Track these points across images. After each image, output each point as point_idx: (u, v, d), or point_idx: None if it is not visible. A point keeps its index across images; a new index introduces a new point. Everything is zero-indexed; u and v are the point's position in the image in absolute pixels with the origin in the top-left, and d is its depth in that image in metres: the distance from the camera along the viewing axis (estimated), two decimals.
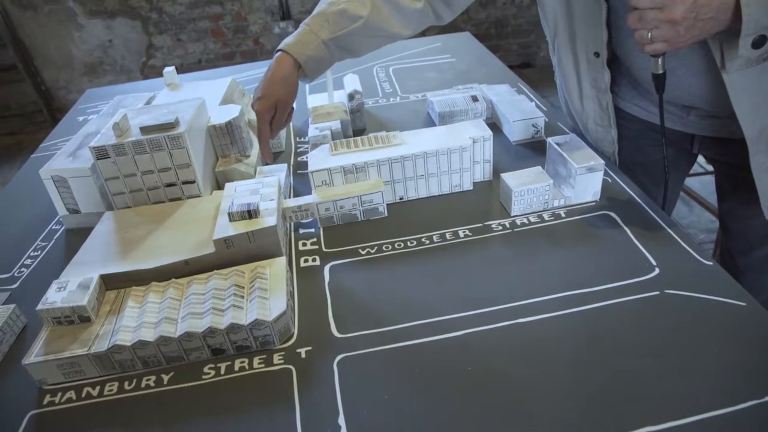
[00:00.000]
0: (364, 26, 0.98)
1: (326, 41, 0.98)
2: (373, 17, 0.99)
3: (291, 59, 0.98)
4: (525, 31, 3.99)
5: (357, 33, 0.99)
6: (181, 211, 0.93)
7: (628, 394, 0.63)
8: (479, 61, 1.66)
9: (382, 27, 1.00)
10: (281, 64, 0.99)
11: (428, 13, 1.04)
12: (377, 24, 0.99)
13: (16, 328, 0.84)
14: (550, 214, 0.95)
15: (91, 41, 3.70)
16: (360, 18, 0.98)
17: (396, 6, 1.00)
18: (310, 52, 0.98)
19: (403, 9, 1.01)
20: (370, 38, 1.02)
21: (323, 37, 0.98)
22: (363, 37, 1.01)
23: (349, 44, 1.01)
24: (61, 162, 1.01)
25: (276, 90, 0.98)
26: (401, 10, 1.01)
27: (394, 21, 1.01)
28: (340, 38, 0.99)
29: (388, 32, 1.02)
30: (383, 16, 1.00)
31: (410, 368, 0.69)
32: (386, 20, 1.00)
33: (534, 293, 0.79)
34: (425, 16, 1.04)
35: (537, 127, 1.17)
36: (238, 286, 0.76)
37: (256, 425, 0.65)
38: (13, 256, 1.01)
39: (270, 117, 0.99)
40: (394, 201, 1.00)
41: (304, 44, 0.98)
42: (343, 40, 0.99)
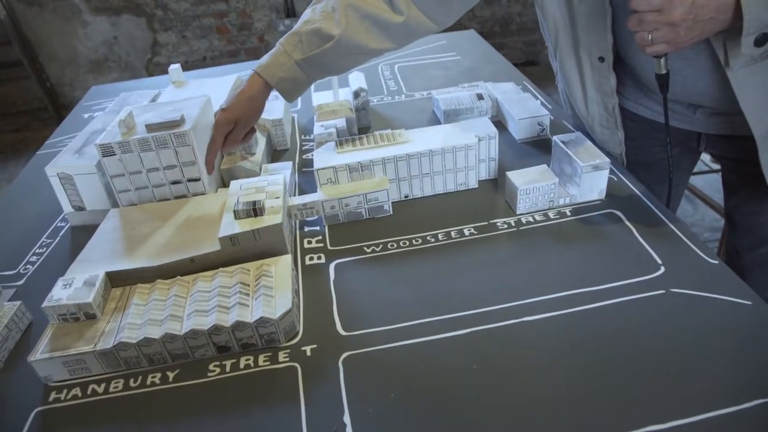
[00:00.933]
0: (336, 45, 0.94)
1: (299, 62, 0.96)
2: (347, 35, 0.94)
3: (262, 81, 0.97)
4: (529, 29, 3.98)
5: (330, 52, 0.95)
6: (186, 209, 0.93)
7: (633, 393, 0.63)
8: (484, 59, 1.66)
9: (358, 44, 0.96)
10: (251, 84, 0.98)
11: (415, 26, 0.99)
12: (352, 42, 0.95)
13: (21, 325, 0.84)
14: (556, 212, 0.94)
15: (96, 38, 3.70)
16: (332, 37, 0.94)
17: (375, 22, 0.96)
18: (282, 73, 0.96)
19: (383, 24, 0.96)
20: (346, 57, 0.98)
21: (296, 57, 0.96)
22: (338, 56, 0.97)
23: (324, 63, 0.98)
24: (66, 159, 1.02)
25: (240, 107, 0.97)
26: (380, 25, 0.96)
27: (372, 37, 0.97)
28: (313, 58, 0.96)
29: (366, 48, 0.97)
30: (359, 33, 0.95)
31: (416, 366, 0.69)
32: (362, 36, 0.96)
33: (540, 292, 0.78)
34: (411, 29, 0.99)
35: (542, 125, 1.17)
36: (243, 284, 0.76)
37: (261, 423, 0.65)
38: (18, 253, 1.02)
39: (227, 130, 0.98)
40: (400, 199, 1.00)
41: (276, 65, 0.97)
42: (316, 60, 0.96)
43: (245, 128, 1.01)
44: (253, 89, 0.97)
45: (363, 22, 0.95)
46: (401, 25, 0.97)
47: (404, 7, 0.95)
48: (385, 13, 0.95)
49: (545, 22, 1.05)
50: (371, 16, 0.95)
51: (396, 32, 0.98)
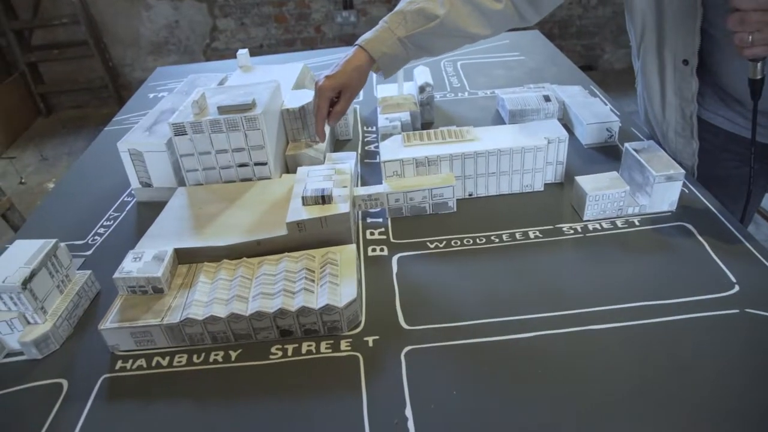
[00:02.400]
0: (440, 25, 0.97)
1: (402, 39, 0.98)
2: (451, 17, 0.97)
3: (366, 54, 0.99)
4: (590, 32, 3.91)
5: (433, 32, 0.98)
6: (252, 192, 0.94)
7: (699, 412, 0.61)
8: (549, 61, 1.63)
9: (459, 27, 0.99)
10: (357, 56, 0.99)
11: (510, 15, 1.02)
12: (454, 24, 0.98)
13: (90, 294, 0.86)
14: (624, 221, 0.92)
15: (158, 21, 3.79)
16: (437, 17, 0.97)
17: (476, 6, 0.99)
18: (385, 48, 0.98)
19: (484, 9, 0.99)
20: (446, 38, 1.01)
21: (399, 34, 0.98)
22: (439, 36, 0.99)
23: (424, 43, 1.00)
24: (138, 136, 1.04)
25: (346, 75, 0.98)
26: (481, 10, 0.99)
27: (472, 21, 0.99)
28: (416, 36, 0.98)
29: (465, 32, 1.00)
30: (461, 16, 0.98)
31: (479, 366, 0.68)
32: (464, 20, 0.98)
33: (606, 301, 0.77)
34: (507, 18, 1.02)
35: (611, 131, 1.14)
36: (308, 270, 0.77)
37: (322, 408, 0.65)
38: (87, 225, 1.04)
39: (331, 96, 0.99)
40: (463, 197, 0.99)
41: (380, 41, 0.98)
42: (419, 39, 0.99)
43: (350, 98, 1.01)
44: (359, 60, 0.98)
45: (466, 5, 0.98)
46: (499, 13, 1.00)
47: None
48: (487, 0, 0.98)
49: (632, 19, 1.02)
50: (473, 1, 0.98)
51: (494, 19, 1.01)
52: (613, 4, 3.78)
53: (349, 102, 1.02)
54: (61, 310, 0.80)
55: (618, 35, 3.90)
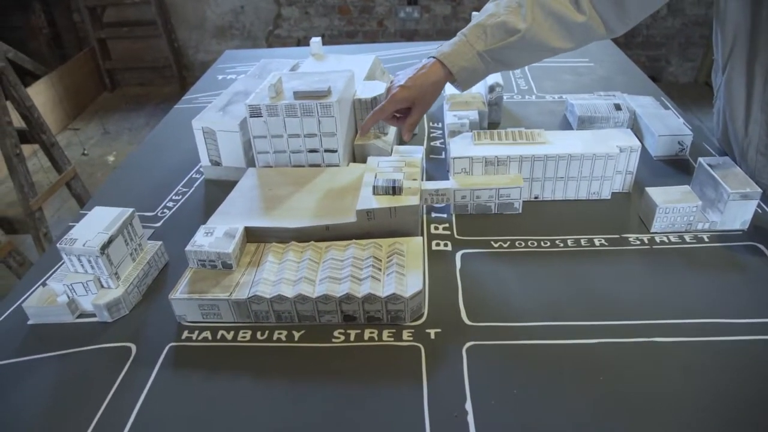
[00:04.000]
0: (521, 39, 0.93)
1: (481, 53, 0.94)
2: (533, 31, 0.93)
3: (444, 69, 0.96)
4: (656, 43, 3.81)
5: (514, 46, 0.94)
6: (321, 178, 0.95)
7: None
8: (619, 69, 1.60)
9: (541, 41, 0.94)
10: (434, 71, 0.96)
11: (595, 26, 0.96)
12: (536, 38, 0.93)
13: (159, 264, 0.89)
14: (692, 236, 0.90)
15: (225, 5, 3.87)
16: (518, 31, 0.92)
17: (559, 19, 0.94)
18: (464, 62, 0.95)
19: (567, 22, 0.94)
20: (527, 52, 0.97)
21: (479, 48, 0.94)
22: (520, 50, 0.96)
23: (504, 57, 0.96)
24: (212, 115, 1.07)
25: (423, 90, 0.96)
26: (564, 23, 0.94)
27: (554, 35, 0.95)
28: (496, 51, 0.94)
29: (547, 46, 0.96)
30: (543, 30, 0.94)
31: (540, 368, 0.68)
32: (546, 34, 0.94)
33: (671, 314, 0.75)
34: (590, 30, 0.97)
35: (683, 144, 1.12)
36: (375, 258, 0.78)
37: (383, 395, 0.66)
38: (157, 198, 1.08)
39: (398, 107, 0.97)
40: (529, 199, 0.99)
41: (459, 54, 0.95)
42: (498, 53, 0.95)
43: (422, 111, 0.99)
44: (437, 75, 0.96)
45: (547, 18, 0.93)
46: (582, 25, 0.94)
47: (586, 7, 0.93)
48: (569, 12, 0.93)
49: (721, 31, 0.99)
50: (556, 14, 0.93)
51: (577, 32, 0.96)
52: (683, 16, 3.68)
53: (421, 115, 1.00)
54: (132, 277, 0.83)
55: (686, 48, 3.79)
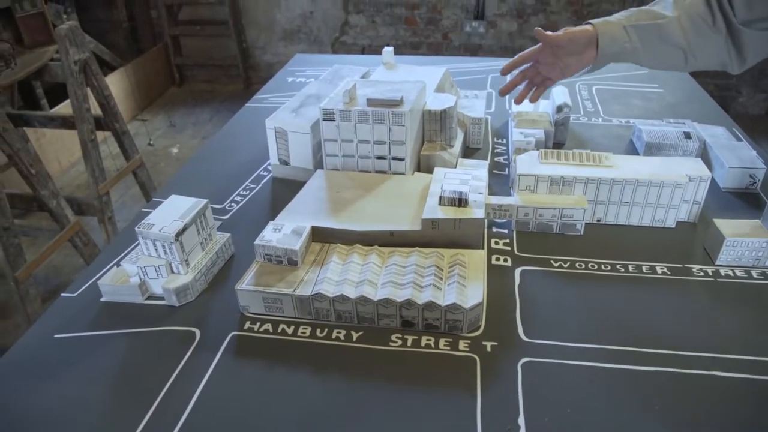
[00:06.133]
0: (666, 24, 0.99)
1: (627, 26, 1.01)
2: (675, 23, 0.99)
3: (592, 30, 1.02)
4: (726, 73, 3.71)
5: (656, 30, 1.00)
6: (388, 185, 0.97)
7: None
8: (689, 97, 1.57)
9: (680, 37, 0.99)
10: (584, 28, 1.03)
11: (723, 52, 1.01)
12: (676, 31, 0.99)
13: (226, 255, 0.93)
14: (760, 272, 0.88)
15: (295, 10, 3.96)
16: (664, 16, 0.99)
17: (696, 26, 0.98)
18: (609, 29, 1.02)
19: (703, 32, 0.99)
20: (665, 44, 1.01)
21: (625, 23, 1.01)
22: (659, 38, 1.00)
23: (645, 38, 1.01)
24: (285, 116, 1.10)
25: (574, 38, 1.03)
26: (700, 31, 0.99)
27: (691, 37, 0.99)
28: (641, 27, 1.00)
29: (682, 44, 1.00)
30: (684, 27, 0.99)
31: (595, 390, 0.68)
32: (685, 31, 0.99)
33: (734, 349, 0.74)
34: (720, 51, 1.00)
35: (754, 178, 1.09)
36: (438, 267, 0.79)
37: (436, 403, 0.67)
38: (226, 191, 1.12)
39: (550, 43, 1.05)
40: (591, 221, 0.98)
41: (607, 23, 1.03)
42: (642, 31, 1.01)
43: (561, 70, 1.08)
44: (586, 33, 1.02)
45: (688, 20, 0.99)
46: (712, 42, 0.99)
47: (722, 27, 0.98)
48: (706, 24, 0.98)
49: None
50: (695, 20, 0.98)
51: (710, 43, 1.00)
52: None
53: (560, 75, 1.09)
54: (201, 265, 0.86)
55: (760, 79, 3.68)
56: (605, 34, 1.01)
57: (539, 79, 1.12)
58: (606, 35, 1.01)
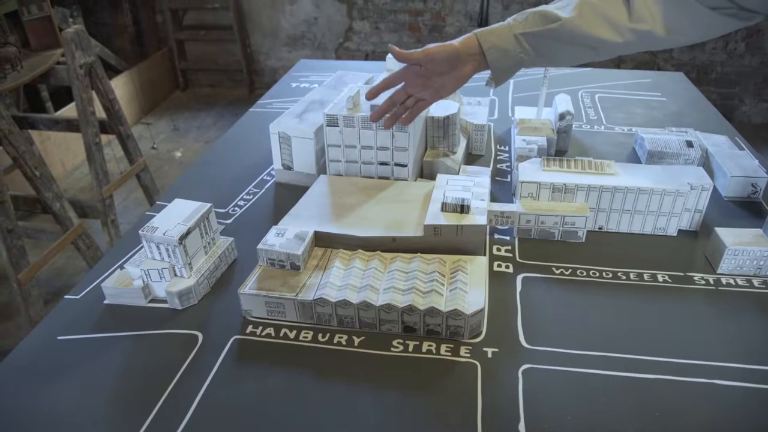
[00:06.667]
0: (560, 27, 0.88)
1: (518, 35, 0.89)
2: (574, 23, 0.88)
3: (475, 42, 0.90)
4: (731, 81, 3.71)
5: (552, 34, 0.89)
6: (390, 190, 0.98)
7: None
8: (692, 105, 1.58)
9: (584, 33, 0.88)
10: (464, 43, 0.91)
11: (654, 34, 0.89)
12: (578, 30, 0.88)
13: (229, 259, 0.93)
14: (761, 281, 0.88)
15: (299, 16, 3.98)
16: (558, 19, 0.88)
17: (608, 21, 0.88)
18: (497, 40, 0.90)
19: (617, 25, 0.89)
20: (568, 45, 0.90)
21: (516, 30, 0.89)
22: (559, 41, 0.89)
23: (543, 46, 0.90)
24: (288, 121, 1.11)
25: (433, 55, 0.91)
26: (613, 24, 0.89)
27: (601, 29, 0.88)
28: (533, 36, 0.89)
29: (590, 38, 0.88)
30: (588, 24, 0.88)
31: (596, 397, 0.68)
32: (590, 27, 0.88)
33: (735, 358, 0.74)
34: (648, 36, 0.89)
35: (756, 187, 1.10)
36: (440, 274, 0.80)
37: (437, 408, 0.67)
38: (229, 196, 1.13)
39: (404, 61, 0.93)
40: (593, 229, 0.99)
41: (495, 33, 0.90)
42: (535, 39, 0.90)
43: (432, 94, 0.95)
44: (463, 48, 0.91)
45: (596, 17, 0.88)
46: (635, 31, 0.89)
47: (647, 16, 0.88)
48: (622, 20, 0.89)
49: None
50: (605, 16, 0.89)
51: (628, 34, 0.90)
52: (762, 54, 3.57)
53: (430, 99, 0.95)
54: (204, 269, 0.87)
55: (762, 88, 3.68)
56: (492, 49, 0.90)
57: (411, 102, 0.97)
58: (493, 50, 0.90)
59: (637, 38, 0.91)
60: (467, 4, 3.70)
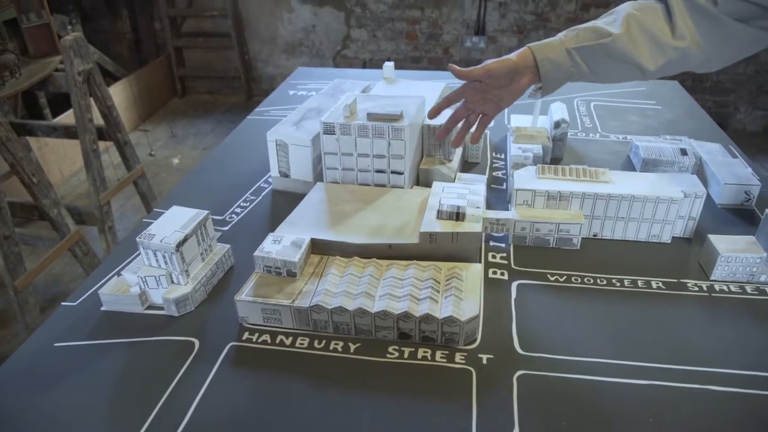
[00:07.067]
0: (611, 43, 0.92)
1: (570, 49, 0.94)
2: (623, 39, 0.92)
3: (530, 56, 0.95)
4: (725, 89, 3.74)
5: (602, 50, 0.93)
6: (387, 198, 0.98)
7: None
8: (687, 114, 1.59)
9: (631, 52, 0.93)
10: (521, 56, 0.96)
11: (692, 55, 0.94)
12: (626, 47, 0.92)
13: (225, 266, 0.94)
14: (754, 287, 0.89)
15: (297, 23, 4.00)
16: (609, 34, 0.92)
17: (652, 38, 0.93)
18: (550, 54, 0.94)
19: (660, 43, 0.93)
20: (615, 62, 0.95)
21: (568, 45, 0.94)
22: (608, 57, 0.94)
23: (593, 61, 0.95)
24: (286, 129, 1.12)
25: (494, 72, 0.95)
26: (657, 43, 0.93)
27: (645, 51, 0.93)
28: (585, 50, 0.94)
29: (633, 60, 0.93)
30: (634, 42, 0.92)
31: (590, 403, 0.69)
32: (635, 46, 0.93)
33: (728, 364, 0.75)
34: (687, 57, 0.94)
35: (749, 194, 1.11)
36: (435, 281, 0.80)
37: (432, 414, 0.68)
38: (226, 203, 1.13)
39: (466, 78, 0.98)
40: (587, 236, 0.99)
41: (548, 47, 0.95)
42: (587, 53, 0.94)
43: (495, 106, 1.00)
44: (521, 62, 0.95)
45: (641, 34, 0.93)
46: (677, 50, 0.94)
47: (686, 33, 0.92)
48: (665, 36, 0.93)
49: None
50: (650, 32, 0.93)
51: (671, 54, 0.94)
52: (757, 63, 3.60)
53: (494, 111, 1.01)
54: (200, 276, 0.87)
55: (757, 96, 3.70)
56: (546, 61, 0.94)
57: (474, 118, 1.03)
58: (546, 62, 0.94)
59: (679, 56, 0.94)
60: (464, 12, 3.72)
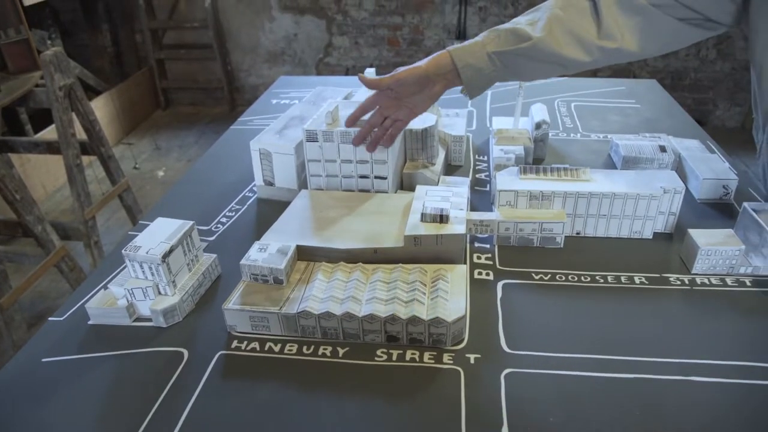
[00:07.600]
0: (532, 47, 0.91)
1: (490, 53, 0.93)
2: (545, 42, 0.91)
3: (449, 61, 0.94)
4: (704, 87, 3.79)
5: (524, 53, 0.92)
6: (371, 203, 0.99)
7: None
8: (665, 112, 1.61)
9: (554, 52, 0.92)
10: (436, 60, 0.95)
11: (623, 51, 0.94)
12: (548, 49, 0.92)
13: (212, 276, 0.94)
14: (734, 279, 0.91)
15: (278, 32, 4.01)
16: (529, 38, 0.91)
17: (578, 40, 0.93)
18: (471, 59, 0.93)
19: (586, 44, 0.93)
20: (539, 63, 0.94)
21: (489, 49, 0.93)
22: (530, 59, 0.93)
23: (514, 64, 0.94)
24: (269, 138, 1.12)
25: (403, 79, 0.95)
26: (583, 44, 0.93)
27: (570, 48, 0.93)
28: (505, 54, 0.93)
29: (560, 57, 0.93)
30: (557, 43, 0.92)
31: (577, 398, 0.70)
32: (560, 46, 0.92)
33: (710, 355, 0.76)
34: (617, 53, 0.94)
35: (727, 189, 1.12)
36: (421, 283, 0.81)
37: (422, 415, 0.68)
38: (211, 213, 1.13)
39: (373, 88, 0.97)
40: (570, 234, 1.01)
41: (468, 51, 0.94)
42: (508, 57, 0.93)
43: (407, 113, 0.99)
44: (436, 67, 0.94)
45: (565, 36, 0.93)
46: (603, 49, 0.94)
47: (616, 32, 0.92)
48: (590, 36, 0.93)
49: (760, 90, 1.00)
50: (575, 33, 0.93)
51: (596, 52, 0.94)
52: (733, 60, 3.65)
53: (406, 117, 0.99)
54: (188, 286, 0.87)
55: (734, 93, 3.76)
56: (467, 68, 0.94)
57: (389, 123, 1.00)
58: (468, 68, 0.94)
59: (605, 56, 0.95)
60: (445, 17, 3.76)
